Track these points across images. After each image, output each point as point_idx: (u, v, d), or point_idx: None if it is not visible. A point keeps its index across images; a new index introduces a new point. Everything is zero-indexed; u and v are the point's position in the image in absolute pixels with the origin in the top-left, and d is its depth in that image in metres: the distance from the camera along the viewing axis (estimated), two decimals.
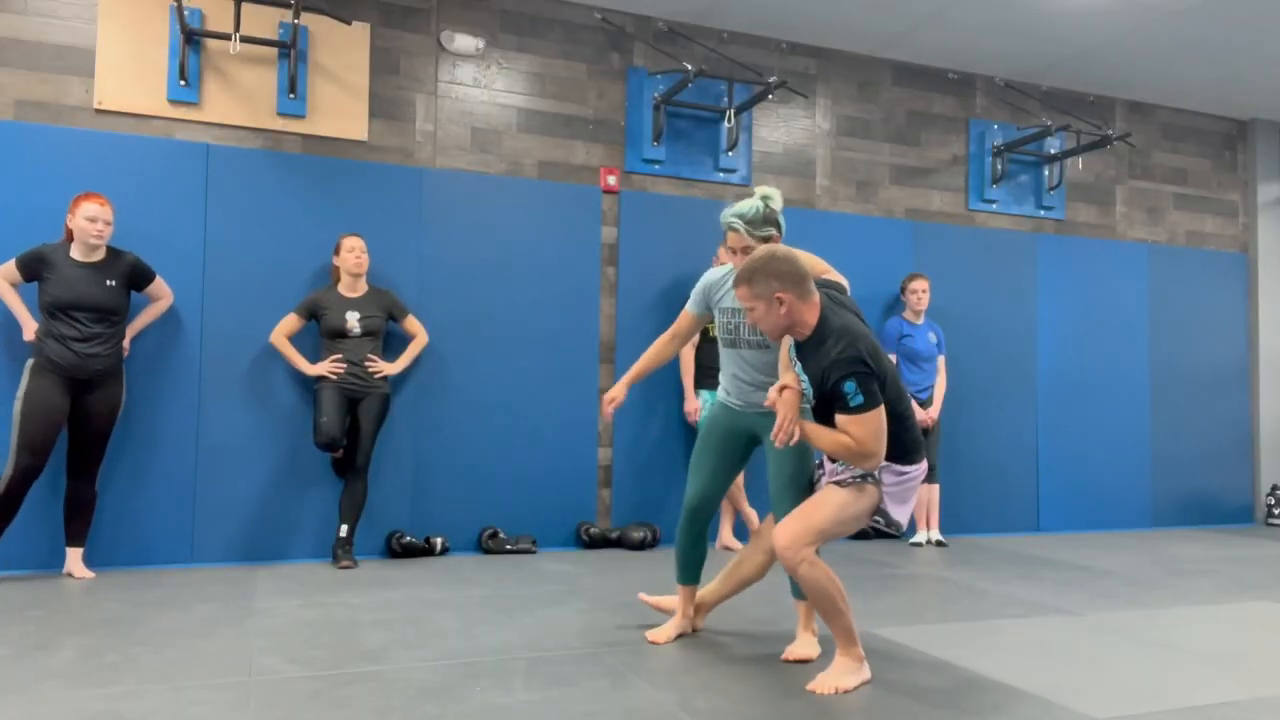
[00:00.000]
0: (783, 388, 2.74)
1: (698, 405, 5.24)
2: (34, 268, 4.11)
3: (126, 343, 4.32)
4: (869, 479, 2.76)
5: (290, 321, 4.68)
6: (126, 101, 4.62)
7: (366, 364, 4.65)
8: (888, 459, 2.74)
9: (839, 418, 2.64)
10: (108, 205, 4.16)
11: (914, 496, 2.91)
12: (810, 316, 2.70)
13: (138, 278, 4.30)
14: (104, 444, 4.22)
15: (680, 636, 3.25)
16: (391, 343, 4.87)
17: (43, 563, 4.30)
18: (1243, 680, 2.88)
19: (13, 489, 3.98)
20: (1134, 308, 6.82)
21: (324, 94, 4.97)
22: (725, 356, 3.18)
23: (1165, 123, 7.07)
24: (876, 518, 2.83)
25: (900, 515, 2.87)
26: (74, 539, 4.21)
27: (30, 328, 4.14)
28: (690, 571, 3.26)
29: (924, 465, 2.86)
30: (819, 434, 2.69)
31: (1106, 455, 6.65)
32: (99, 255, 4.17)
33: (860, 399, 2.59)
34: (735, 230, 3.04)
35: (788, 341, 2.83)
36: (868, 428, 2.61)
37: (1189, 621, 3.67)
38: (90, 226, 4.11)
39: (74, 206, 4.14)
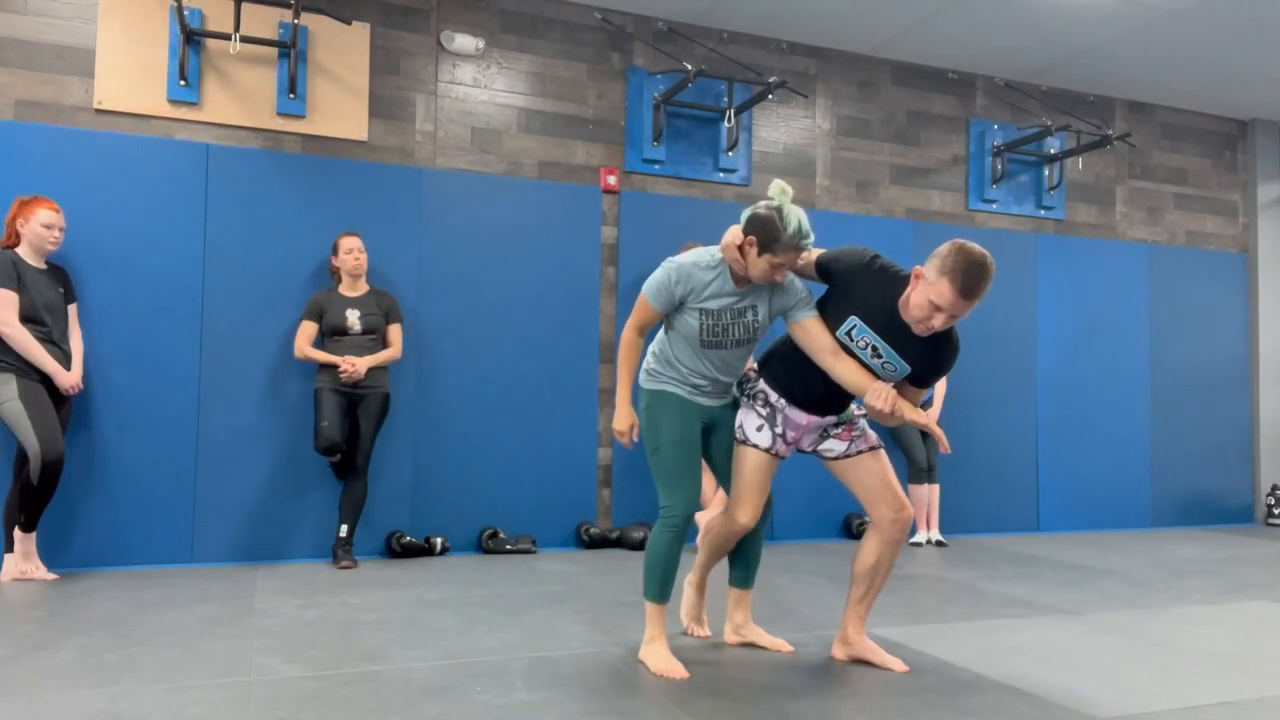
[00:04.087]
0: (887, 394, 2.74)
1: None
2: (13, 275, 4.04)
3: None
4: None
5: (308, 328, 4.64)
6: (126, 101, 4.62)
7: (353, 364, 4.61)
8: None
9: (919, 392, 2.90)
10: (61, 211, 4.18)
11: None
12: None
13: (71, 292, 4.30)
14: None
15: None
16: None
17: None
18: (1243, 680, 2.88)
19: (45, 482, 3.98)
20: (1134, 308, 6.82)
21: (324, 94, 4.97)
22: (698, 355, 2.87)
23: (1165, 123, 7.07)
24: None
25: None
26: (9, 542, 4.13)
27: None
28: (671, 586, 2.96)
29: None
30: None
31: (1106, 455, 6.65)
32: (43, 262, 4.18)
33: None
34: (806, 250, 2.77)
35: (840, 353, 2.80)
36: None
37: (1189, 621, 3.67)
38: (48, 234, 4.12)
39: (26, 211, 4.10)
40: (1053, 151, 6.52)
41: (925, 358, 2.79)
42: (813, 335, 2.81)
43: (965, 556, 5.21)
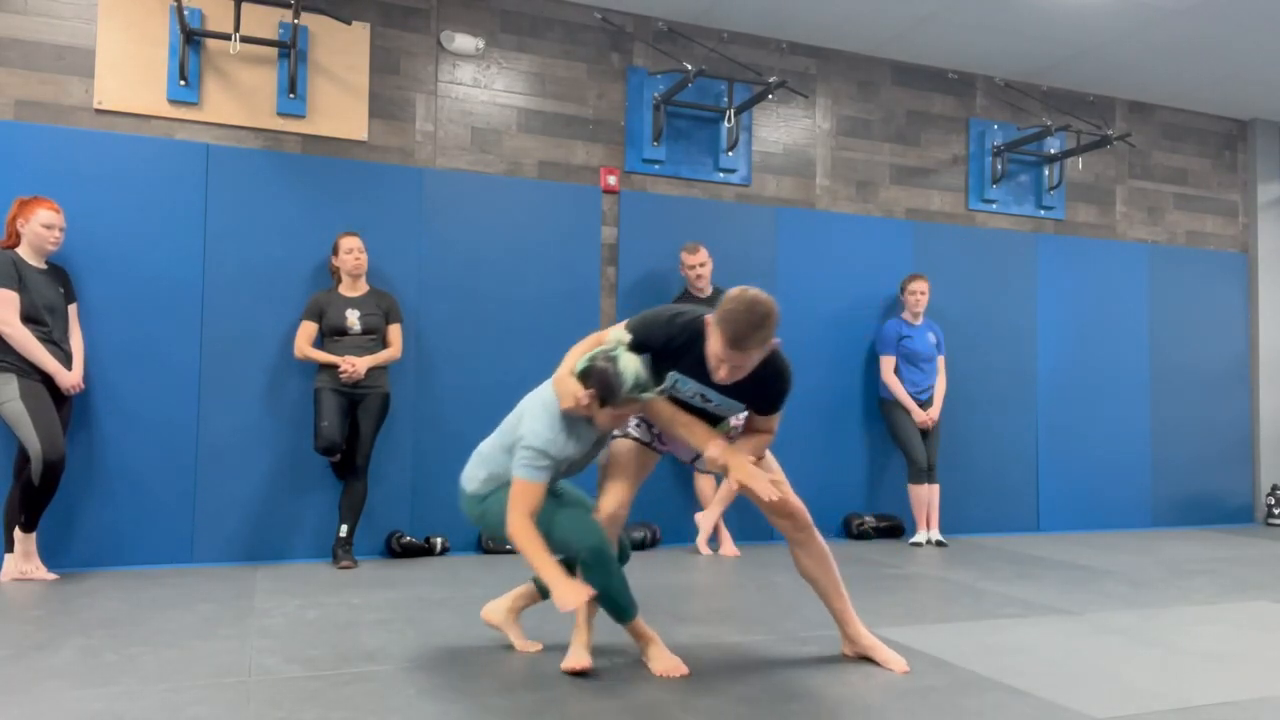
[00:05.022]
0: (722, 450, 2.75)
1: None
2: (13, 275, 4.05)
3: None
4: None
5: (308, 328, 4.64)
6: (126, 101, 4.62)
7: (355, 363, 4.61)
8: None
9: (768, 419, 2.84)
10: (61, 211, 4.18)
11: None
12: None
13: (71, 292, 4.31)
14: None
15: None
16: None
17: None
18: (1243, 680, 2.88)
19: (46, 482, 3.98)
20: (1134, 308, 6.82)
21: (324, 94, 4.97)
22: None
23: (1165, 123, 7.07)
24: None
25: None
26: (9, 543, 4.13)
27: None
28: (627, 595, 2.86)
29: None
30: (749, 447, 2.84)
31: (1106, 455, 6.65)
32: (43, 263, 4.19)
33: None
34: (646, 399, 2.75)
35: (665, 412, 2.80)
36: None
37: (1189, 621, 3.67)
38: (48, 234, 4.13)
39: (26, 211, 4.11)
40: (1053, 151, 6.52)
41: (754, 391, 2.75)
42: (655, 413, 2.82)
43: (965, 556, 5.21)
